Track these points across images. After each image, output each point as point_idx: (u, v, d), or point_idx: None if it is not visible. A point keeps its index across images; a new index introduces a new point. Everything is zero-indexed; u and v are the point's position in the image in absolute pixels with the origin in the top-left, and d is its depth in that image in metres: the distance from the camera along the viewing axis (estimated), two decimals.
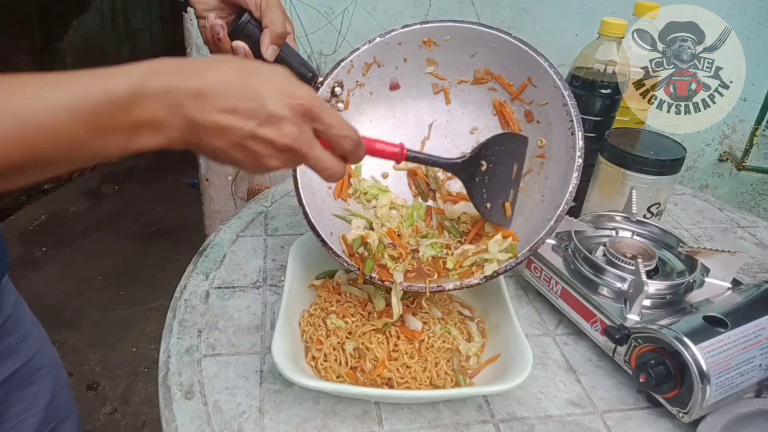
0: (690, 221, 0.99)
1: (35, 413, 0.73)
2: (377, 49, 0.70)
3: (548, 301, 0.73)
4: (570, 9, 1.41)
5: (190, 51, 1.57)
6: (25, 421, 0.72)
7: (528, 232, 0.63)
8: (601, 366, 0.65)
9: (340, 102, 0.71)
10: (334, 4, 1.46)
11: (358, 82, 0.72)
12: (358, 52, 0.69)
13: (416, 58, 0.71)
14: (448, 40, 0.69)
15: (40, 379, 0.74)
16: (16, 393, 0.70)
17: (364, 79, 0.72)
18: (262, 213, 0.90)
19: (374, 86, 0.73)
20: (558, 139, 0.66)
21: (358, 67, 0.71)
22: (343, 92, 0.71)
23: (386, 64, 0.72)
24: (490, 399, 0.59)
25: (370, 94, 0.73)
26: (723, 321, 0.58)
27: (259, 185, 1.77)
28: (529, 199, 0.67)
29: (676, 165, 0.78)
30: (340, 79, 0.70)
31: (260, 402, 0.57)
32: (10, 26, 2.49)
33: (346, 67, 0.70)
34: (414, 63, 0.72)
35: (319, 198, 0.69)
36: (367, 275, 0.62)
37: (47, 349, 0.77)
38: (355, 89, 0.72)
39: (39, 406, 0.74)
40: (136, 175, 2.85)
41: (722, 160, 1.59)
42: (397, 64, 0.72)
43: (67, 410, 0.80)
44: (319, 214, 0.67)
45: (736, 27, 0.82)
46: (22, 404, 0.72)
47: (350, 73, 0.70)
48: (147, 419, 1.61)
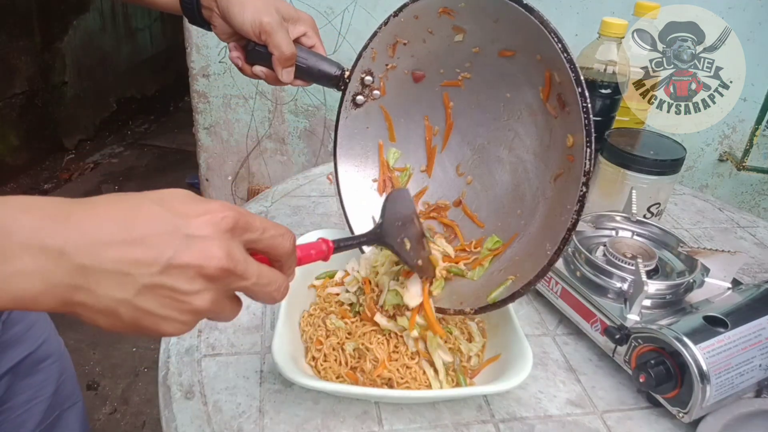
0: (690, 221, 0.99)
1: (41, 401, 0.74)
2: (395, 28, 0.64)
3: (548, 301, 0.73)
4: (570, 9, 1.41)
5: (190, 51, 1.57)
6: (32, 409, 0.73)
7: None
8: (601, 366, 0.65)
9: (375, 90, 0.68)
10: (334, 4, 1.46)
11: (387, 65, 0.67)
12: (377, 37, 0.65)
13: (440, 29, 0.63)
14: (464, 6, 0.61)
15: (46, 368, 0.75)
16: (22, 381, 0.72)
17: (394, 61, 0.66)
18: (262, 213, 0.90)
19: (408, 63, 0.67)
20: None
21: (382, 52, 0.66)
22: (374, 80, 0.67)
23: (411, 40, 0.65)
24: (490, 399, 0.59)
25: (405, 74, 0.68)
26: (723, 321, 0.58)
27: (259, 185, 1.77)
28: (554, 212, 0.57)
29: (676, 165, 0.78)
30: (368, 68, 0.66)
31: (260, 402, 0.57)
32: (10, 26, 2.49)
33: (369, 55, 0.66)
34: (440, 34, 0.64)
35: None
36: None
37: (54, 338, 0.78)
38: (388, 73, 0.67)
39: (45, 395, 0.75)
40: (136, 175, 2.85)
41: (722, 160, 1.59)
42: (423, 37, 0.64)
43: (72, 399, 0.81)
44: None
45: (736, 27, 0.82)
46: (29, 392, 0.73)
47: (376, 60, 0.66)
48: (147, 419, 1.61)
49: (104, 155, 3.02)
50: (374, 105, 0.68)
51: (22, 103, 2.62)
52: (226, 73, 1.60)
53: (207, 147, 1.72)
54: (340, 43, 1.52)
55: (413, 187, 0.71)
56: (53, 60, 2.76)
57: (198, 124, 1.68)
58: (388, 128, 0.70)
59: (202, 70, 1.59)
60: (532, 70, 0.58)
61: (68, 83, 2.87)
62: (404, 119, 0.70)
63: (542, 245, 0.53)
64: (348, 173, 0.70)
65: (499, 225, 0.63)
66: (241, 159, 1.73)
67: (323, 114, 1.62)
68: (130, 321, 0.35)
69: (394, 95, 0.68)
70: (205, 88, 1.62)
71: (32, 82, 2.65)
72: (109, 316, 0.35)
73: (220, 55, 1.57)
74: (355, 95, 0.67)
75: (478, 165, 0.67)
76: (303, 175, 1.04)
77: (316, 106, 1.61)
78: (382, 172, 0.71)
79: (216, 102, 1.64)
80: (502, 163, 0.64)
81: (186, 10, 0.65)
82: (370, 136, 0.70)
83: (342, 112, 0.68)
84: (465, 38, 0.63)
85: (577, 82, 0.50)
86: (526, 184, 0.61)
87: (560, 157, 0.56)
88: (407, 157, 0.71)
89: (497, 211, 0.64)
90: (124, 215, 0.34)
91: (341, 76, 0.65)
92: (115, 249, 0.33)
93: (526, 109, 0.61)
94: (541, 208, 0.59)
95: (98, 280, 0.33)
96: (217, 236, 0.35)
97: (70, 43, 2.83)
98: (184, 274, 0.34)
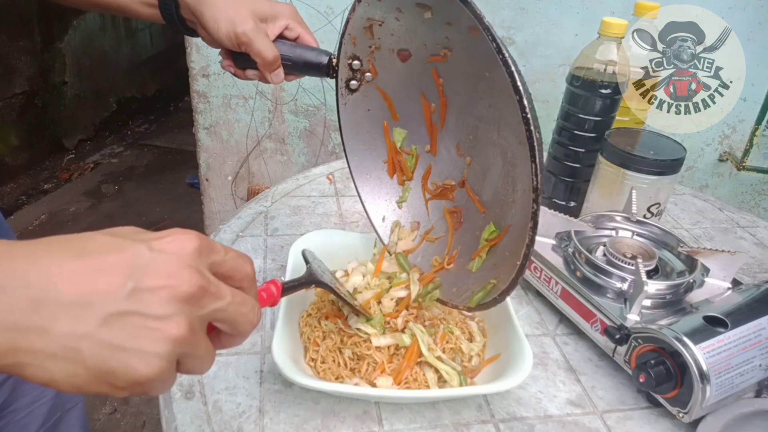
0: (690, 221, 0.99)
1: (44, 404, 0.75)
2: (365, 12, 0.63)
3: (548, 301, 0.73)
4: (570, 9, 1.41)
5: (190, 51, 1.57)
6: (34, 411, 0.73)
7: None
8: (601, 366, 0.65)
9: (367, 72, 0.67)
10: (334, 4, 1.46)
11: (371, 47, 0.65)
12: (350, 23, 0.63)
13: (406, 6, 0.61)
14: None
15: None
16: (26, 384, 0.72)
17: (375, 42, 0.65)
18: (262, 213, 0.90)
19: (391, 42, 0.65)
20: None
21: (361, 36, 0.65)
22: (363, 63, 0.66)
23: (385, 20, 0.63)
24: (490, 399, 0.59)
25: (391, 52, 0.66)
26: (723, 321, 0.58)
27: (259, 185, 1.77)
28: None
29: (676, 165, 0.78)
30: (352, 53, 0.66)
31: (260, 402, 0.57)
32: (10, 26, 2.49)
33: (349, 41, 0.65)
34: (409, 12, 0.62)
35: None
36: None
37: None
38: (374, 54, 0.66)
39: (47, 397, 0.75)
40: (136, 175, 2.85)
41: (722, 160, 1.59)
42: (396, 16, 0.62)
43: (73, 400, 0.81)
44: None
45: (736, 27, 0.82)
46: (32, 395, 0.73)
47: (357, 44, 0.65)
48: (147, 419, 1.61)
49: (104, 155, 3.02)
50: (370, 87, 0.68)
51: (22, 103, 2.62)
52: (226, 73, 1.59)
53: (207, 147, 1.72)
54: None
55: (420, 167, 0.71)
56: (53, 60, 2.76)
57: (198, 124, 1.68)
58: (389, 107, 0.69)
59: (202, 70, 1.59)
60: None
61: (68, 83, 2.87)
62: (403, 97, 0.69)
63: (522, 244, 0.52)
64: (359, 158, 0.70)
65: (498, 212, 0.61)
66: (241, 159, 1.73)
67: (323, 114, 1.62)
68: (94, 363, 0.29)
69: (387, 75, 0.67)
70: (205, 88, 1.62)
71: (32, 82, 2.66)
72: (68, 360, 0.29)
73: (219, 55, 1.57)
74: (348, 81, 0.67)
75: (474, 146, 0.66)
76: (303, 175, 1.04)
77: (316, 106, 1.61)
78: (390, 155, 0.70)
79: (216, 102, 1.64)
80: (494, 146, 0.62)
81: (169, 23, 0.65)
82: (373, 118, 0.69)
83: (339, 98, 0.68)
84: (434, 14, 0.60)
85: (515, 90, 0.47)
86: (514, 171, 0.59)
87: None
88: (411, 136, 0.70)
89: (495, 197, 0.62)
90: (78, 247, 0.30)
91: (329, 63, 0.64)
92: (73, 278, 0.29)
93: (506, 89, 0.54)
94: (522, 200, 0.57)
95: (54, 315, 0.28)
96: (184, 256, 0.32)
97: (70, 43, 2.83)
98: (155, 296, 0.30)
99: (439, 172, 0.70)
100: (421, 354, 0.58)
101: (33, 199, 2.58)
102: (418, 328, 0.60)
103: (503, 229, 0.60)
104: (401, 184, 0.71)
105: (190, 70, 1.60)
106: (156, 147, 3.15)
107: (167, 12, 0.64)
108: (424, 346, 0.58)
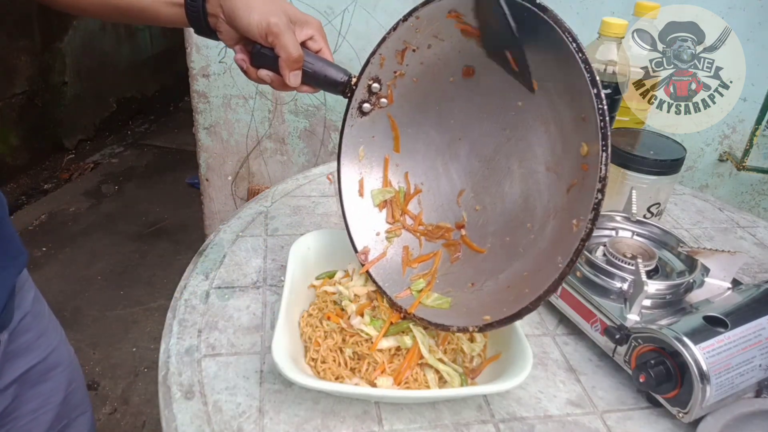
0: (690, 221, 0.99)
1: (49, 411, 0.73)
2: (405, 34, 0.62)
3: (548, 301, 0.73)
4: (570, 9, 1.41)
5: (190, 51, 1.57)
6: (39, 418, 0.72)
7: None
8: (601, 366, 0.65)
9: (383, 98, 0.66)
10: (334, 4, 1.47)
11: (396, 72, 0.65)
12: (386, 43, 0.63)
13: (448, 32, 0.61)
14: (473, 8, 0.58)
15: (55, 377, 0.74)
16: (31, 390, 0.70)
17: (403, 68, 0.64)
18: (262, 213, 0.90)
19: (416, 71, 0.65)
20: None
21: (391, 58, 0.63)
22: (382, 87, 0.65)
23: (420, 47, 0.63)
24: (490, 399, 0.59)
25: (413, 81, 0.65)
26: (723, 321, 0.58)
27: (259, 185, 1.77)
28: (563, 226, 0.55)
29: (676, 165, 0.78)
30: (375, 75, 0.65)
31: (260, 402, 0.57)
32: (10, 26, 2.49)
33: (377, 61, 0.64)
34: (449, 39, 0.62)
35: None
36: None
37: (64, 346, 0.77)
38: (396, 80, 0.65)
39: (53, 404, 0.74)
40: (136, 175, 2.86)
41: (722, 160, 1.59)
42: (430, 43, 0.62)
43: (81, 408, 0.80)
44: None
45: (736, 27, 0.82)
46: (37, 401, 0.72)
47: (384, 67, 0.64)
48: (147, 419, 1.61)
49: (104, 155, 3.02)
50: (381, 113, 0.67)
51: (22, 103, 2.62)
52: (226, 73, 1.59)
53: (207, 147, 1.72)
54: (340, 43, 1.52)
55: (413, 204, 0.70)
56: (53, 60, 2.76)
57: (198, 124, 1.68)
58: (395, 138, 0.68)
59: (202, 70, 1.59)
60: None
61: (68, 83, 2.87)
62: (412, 129, 0.68)
63: (553, 259, 0.51)
64: (351, 182, 0.68)
65: (507, 240, 0.61)
66: (241, 159, 1.73)
67: (323, 114, 1.62)
68: None
69: (401, 105, 0.67)
70: (205, 88, 1.62)
71: (32, 82, 2.66)
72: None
73: (220, 55, 1.57)
74: (362, 103, 0.65)
75: (487, 177, 0.65)
76: (303, 175, 1.04)
77: (316, 106, 1.62)
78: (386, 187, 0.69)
79: (216, 102, 1.64)
80: (512, 175, 0.62)
81: (192, 21, 0.64)
82: (376, 146, 0.68)
83: (347, 119, 0.66)
84: (474, 42, 0.60)
85: (593, 83, 0.48)
86: (537, 196, 0.59)
87: (574, 167, 0.53)
88: (414, 171, 0.69)
89: (506, 225, 0.62)
90: None
91: (347, 82, 0.63)
92: None
93: (538, 118, 0.58)
94: (552, 221, 0.56)
95: None
96: None
97: (70, 43, 2.83)
98: None
99: (436, 208, 0.69)
100: (421, 356, 0.58)
101: (33, 199, 2.58)
102: (419, 330, 0.60)
103: (515, 255, 0.59)
104: (389, 223, 0.69)
105: (190, 70, 1.60)
106: (156, 147, 3.15)
107: (193, 8, 0.63)
108: (424, 349, 0.58)
